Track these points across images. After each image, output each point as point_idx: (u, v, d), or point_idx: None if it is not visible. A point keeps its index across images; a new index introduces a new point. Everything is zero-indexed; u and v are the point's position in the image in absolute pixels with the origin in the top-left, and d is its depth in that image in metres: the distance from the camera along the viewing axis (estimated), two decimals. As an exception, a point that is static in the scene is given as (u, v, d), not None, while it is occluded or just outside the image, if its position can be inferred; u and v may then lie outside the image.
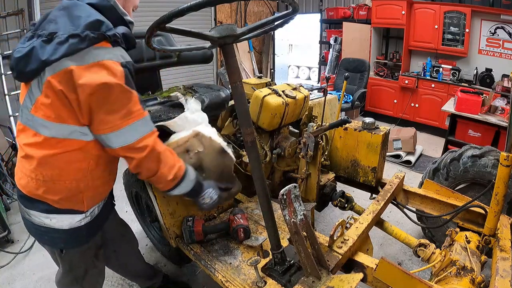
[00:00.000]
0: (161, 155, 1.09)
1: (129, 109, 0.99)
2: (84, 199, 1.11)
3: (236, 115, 1.95)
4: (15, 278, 2.07)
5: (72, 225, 1.13)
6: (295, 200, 1.08)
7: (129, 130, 1.00)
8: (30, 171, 1.02)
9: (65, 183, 1.04)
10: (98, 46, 0.94)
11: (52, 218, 1.09)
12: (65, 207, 1.08)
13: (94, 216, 1.20)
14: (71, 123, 0.97)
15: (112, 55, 0.96)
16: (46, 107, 0.95)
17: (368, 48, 4.90)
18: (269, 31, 1.16)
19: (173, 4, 3.30)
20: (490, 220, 1.47)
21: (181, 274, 2.07)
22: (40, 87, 0.94)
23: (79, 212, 1.12)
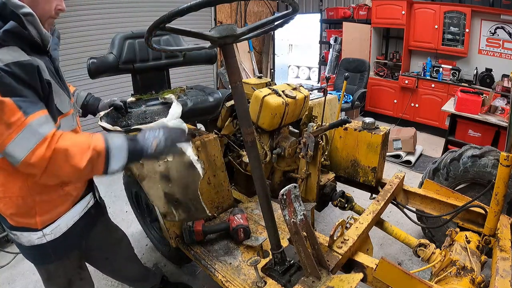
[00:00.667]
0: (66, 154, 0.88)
1: (6, 121, 0.82)
2: (37, 215, 1.03)
3: (236, 115, 1.96)
4: (15, 278, 2.07)
5: (31, 243, 1.06)
6: (295, 200, 1.08)
7: (15, 146, 0.84)
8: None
9: (11, 199, 0.99)
10: None
11: (14, 234, 1.07)
12: (19, 224, 1.03)
13: (59, 233, 1.10)
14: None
15: None
16: None
17: (368, 48, 4.90)
18: (269, 31, 1.16)
19: (173, 4, 3.30)
20: (490, 220, 1.47)
21: (181, 274, 2.07)
22: None
23: (33, 230, 1.05)
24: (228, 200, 1.77)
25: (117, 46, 1.68)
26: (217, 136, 1.75)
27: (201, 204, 1.40)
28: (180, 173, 1.30)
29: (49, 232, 1.07)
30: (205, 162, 1.63)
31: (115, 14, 4.16)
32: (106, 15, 4.04)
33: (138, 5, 4.52)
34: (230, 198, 1.79)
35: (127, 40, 1.70)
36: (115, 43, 1.69)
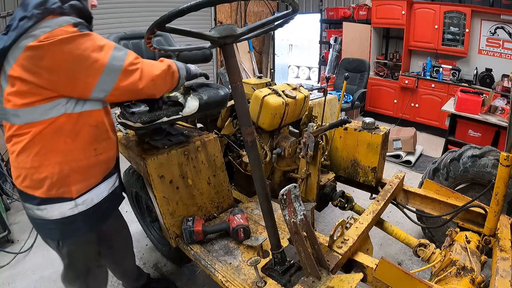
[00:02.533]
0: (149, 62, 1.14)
1: (98, 45, 1.01)
2: (72, 184, 1.09)
3: (236, 115, 1.96)
4: (15, 278, 2.07)
5: (63, 215, 1.11)
6: (295, 200, 1.08)
7: (114, 60, 1.03)
8: (14, 161, 1.05)
9: (46, 168, 1.04)
10: (45, 20, 0.95)
11: (43, 209, 1.09)
12: (51, 195, 1.07)
13: (91, 205, 1.17)
14: (38, 104, 0.99)
15: (60, 21, 0.96)
16: (13, 96, 0.97)
17: (368, 48, 4.90)
18: (269, 31, 1.16)
19: (173, 4, 3.30)
20: (490, 220, 1.47)
21: (181, 274, 2.07)
22: (6, 79, 0.97)
23: (68, 199, 1.10)
24: (228, 200, 1.77)
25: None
26: (217, 136, 1.75)
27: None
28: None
29: (81, 203, 1.13)
30: (205, 162, 1.64)
31: (114, 14, 4.16)
32: (105, 15, 4.03)
33: (137, 5, 4.52)
34: (230, 198, 1.79)
35: (121, 41, 1.70)
36: (109, 43, 1.69)
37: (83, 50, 0.97)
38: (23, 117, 1.00)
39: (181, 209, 1.56)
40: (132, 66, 1.07)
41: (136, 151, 1.53)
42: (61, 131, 1.04)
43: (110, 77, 1.03)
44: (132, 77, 1.07)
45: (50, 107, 1.00)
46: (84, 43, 0.98)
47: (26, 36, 0.93)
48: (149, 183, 1.48)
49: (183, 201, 1.56)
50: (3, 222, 2.33)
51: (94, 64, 0.99)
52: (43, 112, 1.00)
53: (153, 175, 1.44)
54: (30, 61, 0.93)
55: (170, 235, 1.56)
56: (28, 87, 0.96)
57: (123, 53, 1.07)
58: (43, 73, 0.95)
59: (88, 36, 1.00)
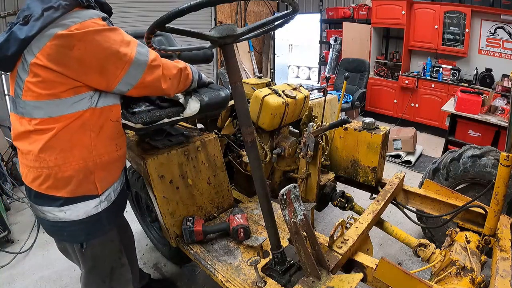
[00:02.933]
0: (170, 61, 1.20)
1: (126, 40, 1.04)
2: (96, 181, 1.09)
3: (236, 115, 1.95)
4: (15, 278, 2.07)
5: (89, 213, 1.10)
6: (295, 200, 1.08)
7: (139, 55, 1.06)
8: (34, 161, 1.01)
9: (71, 165, 1.03)
10: (73, 11, 0.96)
11: (66, 210, 1.07)
12: (77, 194, 1.06)
13: (111, 201, 1.18)
14: (64, 96, 0.98)
15: (90, 14, 0.98)
16: (36, 87, 0.95)
17: (368, 48, 4.90)
18: (269, 31, 1.16)
19: (173, 4, 3.30)
20: (490, 220, 1.47)
21: (181, 274, 2.07)
22: (26, 69, 0.95)
23: (93, 197, 1.10)
24: (228, 200, 1.77)
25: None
26: (217, 136, 1.75)
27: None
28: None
29: (104, 199, 1.14)
30: (205, 162, 1.64)
31: (114, 14, 4.16)
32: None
33: (137, 5, 4.52)
34: (230, 198, 1.79)
35: None
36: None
37: (113, 43, 0.99)
38: (47, 109, 0.98)
39: (181, 209, 1.56)
40: (155, 62, 1.10)
41: (136, 151, 1.53)
42: (87, 125, 1.04)
43: (136, 71, 1.06)
44: (156, 73, 1.11)
45: (77, 100, 1.00)
46: (113, 37, 1.00)
47: (55, 25, 0.92)
48: (149, 183, 1.48)
49: (183, 201, 1.56)
50: (3, 222, 2.33)
51: (123, 57, 1.01)
52: (70, 105, 0.99)
53: (153, 175, 1.44)
54: (58, 50, 0.92)
55: (170, 235, 1.56)
56: (55, 75, 0.95)
57: (146, 49, 1.10)
58: (72, 63, 0.95)
59: (116, 31, 1.03)
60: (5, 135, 3.34)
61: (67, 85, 0.97)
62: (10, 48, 0.93)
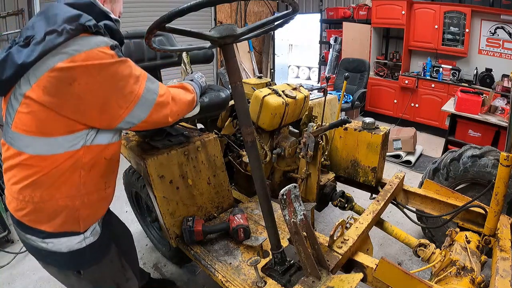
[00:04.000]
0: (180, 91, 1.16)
1: (134, 75, 0.95)
2: (80, 219, 1.01)
3: (236, 115, 1.95)
4: (15, 278, 2.07)
5: (71, 248, 1.02)
6: (295, 200, 1.08)
7: (147, 93, 0.97)
8: (18, 194, 0.93)
9: (57, 202, 0.95)
10: (78, 37, 0.85)
11: (49, 242, 1.00)
12: (59, 230, 0.98)
13: (97, 235, 1.09)
14: (57, 135, 0.89)
15: (97, 41, 0.87)
16: (28, 120, 0.86)
17: (368, 48, 4.90)
18: (269, 31, 1.16)
19: (173, 4, 3.30)
20: (490, 220, 1.47)
21: (181, 274, 2.07)
22: (19, 99, 0.85)
23: (75, 234, 1.02)
24: (228, 200, 1.77)
25: (112, 45, 1.68)
26: (217, 136, 1.75)
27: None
28: None
29: (89, 235, 1.06)
30: (205, 162, 1.64)
31: (115, 14, 4.16)
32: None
33: (138, 5, 4.52)
34: (230, 198, 1.79)
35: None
36: (111, 43, 1.69)
37: (120, 79, 0.90)
38: (37, 147, 0.88)
39: (181, 209, 1.56)
40: (163, 98, 1.03)
41: (136, 151, 1.53)
42: (78, 163, 0.94)
43: (141, 110, 0.97)
44: (163, 112, 1.03)
45: (71, 140, 0.91)
46: (121, 71, 0.90)
47: (56, 53, 0.82)
48: (149, 183, 1.48)
49: (183, 201, 1.56)
50: (3, 222, 2.33)
51: (129, 95, 0.93)
52: (63, 144, 0.90)
53: (153, 175, 1.44)
54: (57, 84, 0.82)
55: (170, 235, 1.56)
56: (49, 113, 0.85)
57: (156, 85, 1.02)
58: (70, 99, 0.85)
59: (126, 63, 0.93)
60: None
61: (61, 124, 0.88)
62: (6, 72, 0.84)
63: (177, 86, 1.19)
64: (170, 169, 1.50)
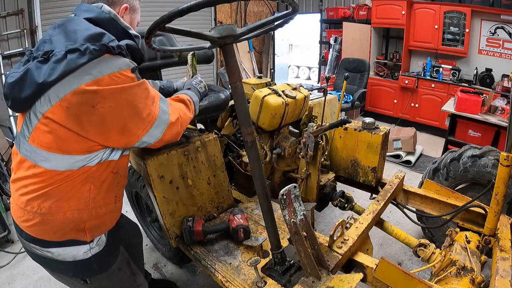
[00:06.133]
0: (182, 107, 1.15)
1: (151, 96, 0.97)
2: (87, 230, 1.00)
3: (236, 115, 1.95)
4: (15, 278, 2.07)
5: (76, 258, 1.01)
6: (295, 200, 1.08)
7: (162, 113, 1.00)
8: (25, 204, 0.92)
9: (65, 215, 0.94)
10: (102, 58, 0.85)
11: (54, 252, 0.99)
12: (64, 238, 0.98)
13: (103, 245, 1.08)
14: (76, 154, 0.90)
15: (120, 63, 0.88)
16: (46, 139, 0.86)
17: (368, 48, 4.90)
18: (269, 31, 1.16)
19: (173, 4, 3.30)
20: (490, 220, 1.47)
21: (181, 274, 2.07)
22: (38, 116, 0.85)
23: (82, 243, 1.01)
24: (228, 200, 1.77)
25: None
26: (217, 136, 1.75)
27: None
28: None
29: (94, 245, 1.05)
30: (205, 162, 1.64)
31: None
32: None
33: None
34: (230, 198, 1.79)
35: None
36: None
37: (139, 102, 0.92)
38: (54, 162, 0.88)
39: (181, 209, 1.56)
40: (175, 117, 1.05)
41: (136, 151, 1.53)
42: (90, 178, 0.95)
43: (158, 130, 1.00)
44: (175, 130, 1.06)
45: (89, 158, 0.92)
46: (140, 93, 0.92)
47: (79, 73, 0.81)
48: (149, 183, 1.48)
49: (183, 201, 1.56)
50: (3, 222, 2.33)
51: (147, 117, 0.95)
52: (80, 161, 0.91)
53: (153, 175, 1.44)
54: (80, 106, 0.82)
55: (170, 235, 1.56)
56: (68, 135, 0.86)
57: (166, 104, 1.04)
58: (91, 121, 0.85)
59: (144, 86, 0.94)
60: (5, 135, 3.34)
61: (81, 144, 0.89)
62: (25, 90, 0.82)
63: (176, 100, 1.18)
64: (170, 169, 1.50)
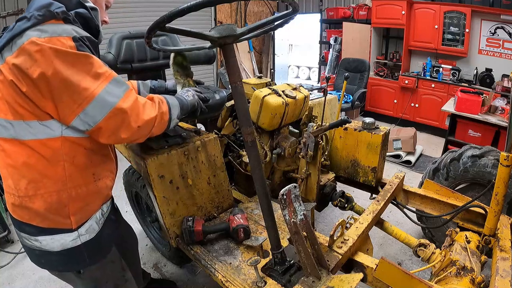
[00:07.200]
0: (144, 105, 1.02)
1: (95, 72, 0.89)
2: (71, 214, 0.98)
3: (236, 115, 1.95)
4: (15, 278, 2.07)
5: (65, 246, 1.00)
6: (295, 200, 1.08)
7: (107, 94, 0.90)
8: (6, 186, 0.94)
9: (43, 197, 0.93)
10: (45, 23, 0.84)
11: (42, 240, 0.98)
12: (50, 226, 0.97)
13: (94, 232, 1.06)
14: (30, 119, 0.88)
15: (60, 29, 0.85)
16: (1, 103, 0.88)
17: (368, 48, 4.90)
18: (269, 31, 1.16)
19: (173, 4, 3.30)
20: (490, 220, 1.47)
21: (181, 274, 2.07)
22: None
23: (68, 231, 0.99)
24: (228, 200, 1.77)
25: (115, 46, 1.68)
26: (217, 136, 1.75)
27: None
28: None
29: (84, 232, 1.03)
30: (205, 162, 1.64)
31: (114, 14, 4.16)
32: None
33: (137, 5, 4.52)
34: (230, 198, 1.79)
35: (124, 40, 1.69)
36: (113, 43, 1.69)
37: (75, 72, 0.85)
38: (11, 130, 0.88)
39: (181, 209, 1.56)
40: (127, 104, 0.94)
41: (136, 151, 1.53)
42: (59, 155, 0.93)
43: (96, 111, 0.90)
44: (120, 120, 0.94)
45: (42, 127, 0.89)
46: (79, 65, 0.86)
47: (21, 37, 0.82)
48: (149, 183, 1.48)
49: (183, 201, 1.56)
50: (3, 222, 2.34)
51: (83, 91, 0.87)
52: (36, 130, 0.89)
53: (153, 175, 1.44)
54: (17, 67, 0.82)
55: (170, 235, 1.56)
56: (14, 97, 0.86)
57: (121, 90, 0.94)
58: (29, 84, 0.84)
59: (86, 58, 0.88)
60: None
61: (27, 106, 0.87)
62: None
63: (148, 98, 1.09)
64: (170, 169, 1.50)
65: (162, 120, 1.08)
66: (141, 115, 0.99)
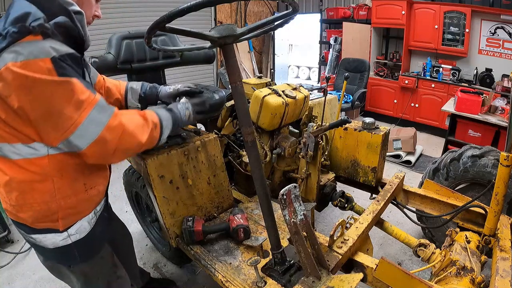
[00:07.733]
0: (133, 129, 0.96)
1: (76, 100, 0.83)
2: (59, 219, 0.99)
3: (236, 115, 1.95)
4: (15, 278, 2.07)
5: (56, 245, 1.02)
6: (295, 200, 1.08)
7: (90, 123, 0.86)
8: (0, 193, 0.96)
9: (32, 206, 0.94)
10: (22, 42, 0.77)
11: (36, 238, 1.01)
12: (41, 227, 0.99)
13: (85, 232, 1.06)
14: (14, 142, 0.86)
15: (38, 49, 0.78)
16: None
17: (368, 48, 4.90)
18: (269, 31, 1.16)
19: (173, 4, 3.30)
20: (490, 220, 1.47)
21: (181, 274, 2.07)
22: None
23: (57, 231, 1.00)
24: (228, 200, 1.77)
25: (114, 46, 1.68)
26: (217, 136, 1.75)
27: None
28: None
29: (74, 232, 1.04)
30: (205, 162, 1.64)
31: (114, 14, 4.16)
32: (105, 15, 4.04)
33: (137, 5, 4.52)
34: (230, 198, 1.79)
35: (124, 40, 1.69)
36: (113, 43, 1.69)
37: (55, 103, 0.80)
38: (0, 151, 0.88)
39: (181, 209, 1.56)
40: (111, 133, 0.90)
41: (136, 151, 1.53)
42: (47, 171, 0.92)
43: (79, 141, 0.87)
44: (104, 148, 0.91)
45: (29, 148, 0.88)
46: (60, 93, 0.80)
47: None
48: (149, 183, 1.48)
49: (183, 201, 1.56)
50: (3, 222, 2.33)
51: (65, 121, 0.83)
52: (23, 152, 0.88)
53: (153, 175, 1.44)
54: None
55: (170, 235, 1.56)
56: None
57: (105, 115, 0.89)
58: (9, 112, 0.80)
59: (67, 85, 0.81)
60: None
61: (9, 131, 0.85)
62: None
63: (141, 115, 1.03)
64: (170, 169, 1.50)
65: (151, 144, 1.05)
66: (127, 141, 0.95)
